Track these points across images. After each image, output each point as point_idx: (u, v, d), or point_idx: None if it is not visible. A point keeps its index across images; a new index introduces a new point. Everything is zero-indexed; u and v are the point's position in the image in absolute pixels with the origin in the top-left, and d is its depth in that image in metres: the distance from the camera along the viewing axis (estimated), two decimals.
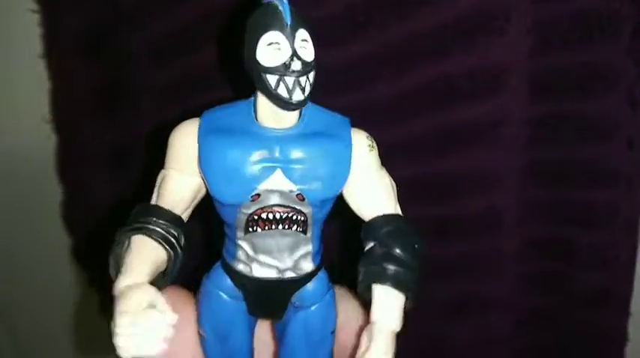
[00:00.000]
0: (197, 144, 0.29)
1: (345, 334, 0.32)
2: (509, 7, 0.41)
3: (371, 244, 0.30)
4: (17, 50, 0.58)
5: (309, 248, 0.31)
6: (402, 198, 0.32)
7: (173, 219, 0.30)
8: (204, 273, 0.33)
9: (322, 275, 0.32)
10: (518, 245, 0.49)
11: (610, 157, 0.43)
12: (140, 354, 0.25)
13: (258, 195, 0.29)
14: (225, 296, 0.31)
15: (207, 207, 0.32)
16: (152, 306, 0.26)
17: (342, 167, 0.30)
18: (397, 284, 0.29)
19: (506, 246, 0.49)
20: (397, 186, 0.32)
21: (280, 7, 0.27)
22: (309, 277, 0.31)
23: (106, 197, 0.58)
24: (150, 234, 0.29)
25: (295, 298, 0.31)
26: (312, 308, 0.32)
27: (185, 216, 0.31)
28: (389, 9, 0.42)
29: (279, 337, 0.33)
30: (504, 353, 0.53)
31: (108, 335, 0.71)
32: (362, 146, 0.30)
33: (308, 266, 0.31)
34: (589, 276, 0.48)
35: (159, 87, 0.52)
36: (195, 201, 0.31)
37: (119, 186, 0.58)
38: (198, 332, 0.32)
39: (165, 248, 0.29)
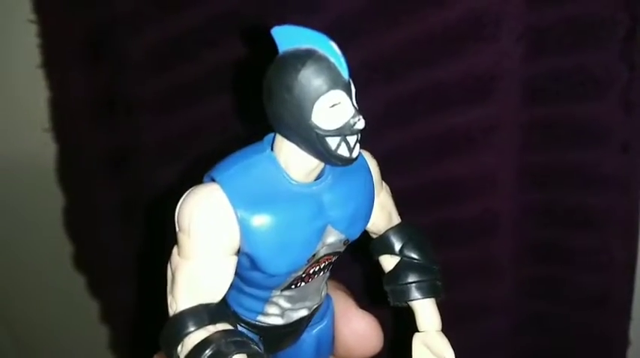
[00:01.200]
0: (237, 222, 0.24)
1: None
2: (499, 14, 0.41)
3: (390, 259, 0.31)
4: (16, 60, 0.58)
5: (327, 275, 0.30)
6: (397, 206, 0.32)
7: (223, 312, 0.25)
8: None
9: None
10: (514, 249, 0.49)
11: (604, 161, 0.43)
12: None
13: (314, 255, 0.27)
14: None
15: None
16: None
17: (372, 195, 0.29)
18: (434, 293, 0.30)
19: (502, 251, 0.49)
20: (392, 194, 0.32)
21: (332, 59, 0.23)
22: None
23: (106, 203, 0.59)
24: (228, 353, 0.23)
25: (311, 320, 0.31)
26: (325, 322, 0.32)
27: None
28: (379, 17, 0.42)
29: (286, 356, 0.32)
30: None
31: (108, 340, 0.70)
32: (374, 166, 0.29)
33: (325, 290, 0.31)
34: (585, 280, 0.48)
35: (156, 94, 0.52)
36: None
37: (119, 192, 0.58)
38: None
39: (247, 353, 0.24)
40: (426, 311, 0.30)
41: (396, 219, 0.31)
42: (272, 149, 0.26)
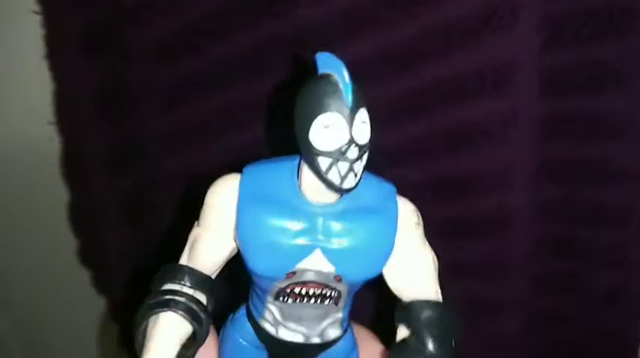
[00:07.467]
0: (236, 209, 0.27)
1: None
2: (516, 4, 0.40)
3: (404, 332, 0.28)
4: (20, 52, 0.57)
5: (339, 316, 0.30)
6: (410, 199, 0.31)
7: (201, 280, 0.28)
8: (229, 312, 0.32)
9: (349, 335, 0.31)
10: (528, 245, 0.48)
11: (623, 155, 0.43)
12: None
13: (294, 273, 0.27)
14: (245, 343, 0.31)
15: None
16: None
17: (386, 247, 0.28)
18: None
19: (516, 246, 0.48)
20: (405, 188, 0.31)
21: (341, 85, 0.24)
22: (335, 341, 0.31)
23: (111, 198, 0.58)
24: (175, 309, 0.27)
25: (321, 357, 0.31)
26: None
27: (215, 275, 0.30)
28: (394, 6, 0.42)
29: None
30: (515, 355, 0.53)
31: (115, 338, 0.70)
32: (408, 222, 0.28)
33: (335, 333, 0.30)
34: (601, 276, 0.47)
35: (163, 87, 0.51)
36: (227, 260, 0.30)
37: (125, 186, 0.58)
38: None
39: (191, 323, 0.28)
40: None
41: (431, 293, 0.29)
42: (300, 161, 0.27)
